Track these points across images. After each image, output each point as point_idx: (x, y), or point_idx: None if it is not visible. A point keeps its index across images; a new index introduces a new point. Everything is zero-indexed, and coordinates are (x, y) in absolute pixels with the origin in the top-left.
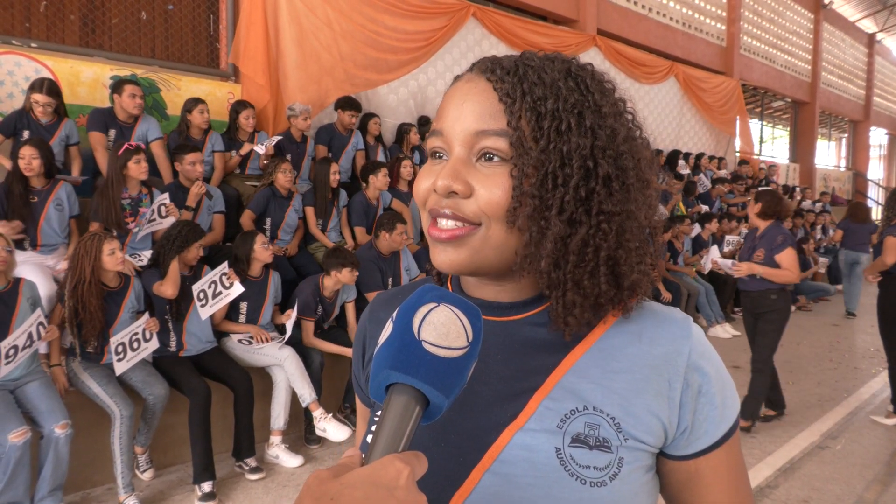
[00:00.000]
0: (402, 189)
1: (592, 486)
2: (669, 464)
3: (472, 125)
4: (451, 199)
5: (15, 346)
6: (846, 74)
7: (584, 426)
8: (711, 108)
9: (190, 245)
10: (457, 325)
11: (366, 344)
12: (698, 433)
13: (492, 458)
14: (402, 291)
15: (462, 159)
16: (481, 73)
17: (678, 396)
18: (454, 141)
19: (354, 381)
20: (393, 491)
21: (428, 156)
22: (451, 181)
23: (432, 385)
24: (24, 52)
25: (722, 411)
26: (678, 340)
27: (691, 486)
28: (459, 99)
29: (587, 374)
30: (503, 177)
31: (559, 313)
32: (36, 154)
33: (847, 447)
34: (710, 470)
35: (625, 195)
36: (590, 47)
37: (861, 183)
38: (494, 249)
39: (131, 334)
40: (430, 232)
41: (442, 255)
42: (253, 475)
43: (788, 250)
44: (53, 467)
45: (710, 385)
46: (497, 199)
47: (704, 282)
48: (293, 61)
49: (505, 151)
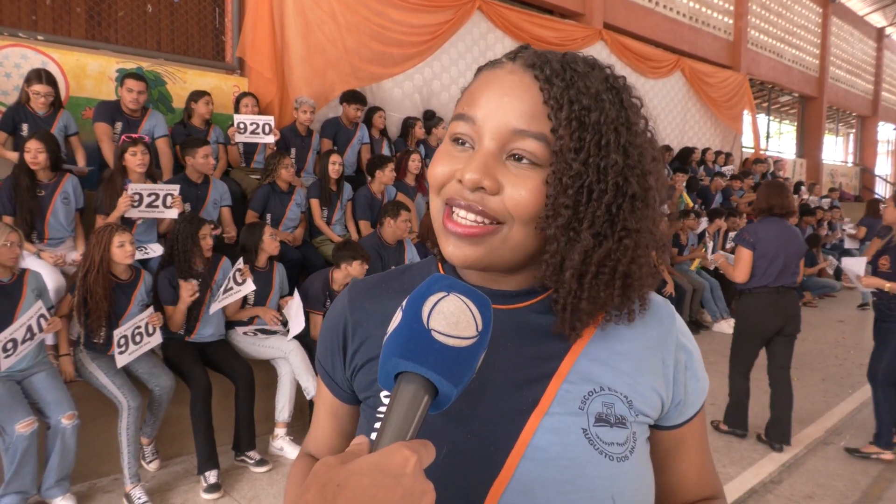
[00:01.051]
0: (408, 183)
1: (618, 461)
2: (659, 434)
3: (511, 122)
4: (477, 193)
5: (13, 340)
6: (854, 69)
7: (602, 406)
8: (718, 103)
9: (198, 237)
10: (466, 314)
11: (347, 335)
12: (686, 404)
13: (524, 445)
14: (385, 280)
15: (493, 154)
16: (527, 67)
17: (671, 373)
18: (487, 133)
19: (324, 374)
20: (400, 478)
21: (448, 139)
22: (481, 176)
23: (442, 374)
24: (30, 44)
25: (702, 384)
26: (666, 322)
27: (676, 452)
28: (500, 90)
29: (596, 357)
30: (534, 180)
31: (567, 318)
32: (42, 148)
33: (851, 443)
34: (691, 435)
35: (644, 212)
36: (596, 41)
37: (868, 179)
38: (510, 250)
39: (134, 327)
40: (446, 224)
41: (456, 249)
42: (259, 468)
43: None
44: (60, 458)
45: (693, 360)
46: (525, 202)
47: (709, 277)
48: (298, 55)
49: (538, 156)
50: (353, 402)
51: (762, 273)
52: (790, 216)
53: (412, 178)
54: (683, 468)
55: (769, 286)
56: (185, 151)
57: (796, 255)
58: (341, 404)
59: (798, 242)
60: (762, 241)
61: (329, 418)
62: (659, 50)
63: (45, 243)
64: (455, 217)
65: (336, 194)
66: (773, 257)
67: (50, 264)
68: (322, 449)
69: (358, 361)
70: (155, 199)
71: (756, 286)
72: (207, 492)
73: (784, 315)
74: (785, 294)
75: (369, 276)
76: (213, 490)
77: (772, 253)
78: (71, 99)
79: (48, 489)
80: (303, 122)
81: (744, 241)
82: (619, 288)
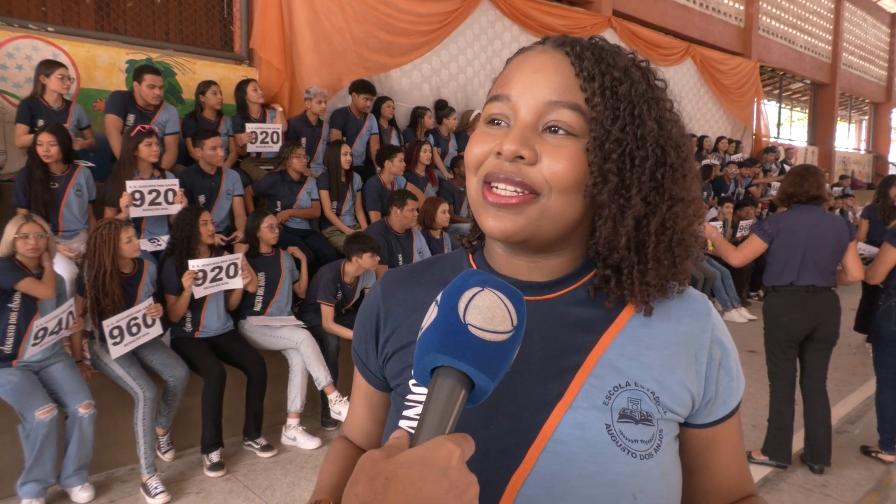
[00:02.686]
0: (418, 173)
1: (642, 458)
2: (690, 432)
3: (546, 95)
4: (516, 164)
5: (45, 328)
6: (867, 55)
7: (628, 401)
8: (728, 91)
9: (198, 223)
10: (501, 309)
11: (380, 324)
12: (718, 403)
13: (546, 438)
14: (418, 269)
15: (530, 126)
16: (558, 46)
17: (704, 369)
18: (523, 108)
19: (359, 362)
20: (446, 471)
21: (482, 123)
22: (519, 146)
23: (479, 368)
24: (41, 36)
25: (737, 382)
26: (702, 317)
27: (708, 452)
28: (532, 67)
29: (624, 351)
30: (572, 149)
31: (637, 291)
32: (54, 140)
33: (865, 432)
34: (725, 436)
35: (684, 183)
36: (605, 29)
37: (882, 166)
38: (550, 220)
39: (129, 318)
40: (486, 196)
41: (496, 221)
42: (264, 452)
43: None
44: (78, 447)
45: (729, 358)
46: (563, 171)
47: (720, 266)
48: (307, 44)
49: (574, 126)
50: (386, 389)
51: (783, 268)
52: (819, 202)
53: (422, 168)
54: (718, 470)
55: (795, 284)
56: (194, 143)
57: (828, 250)
58: (375, 391)
59: (831, 235)
60: (784, 233)
61: (364, 405)
62: (669, 37)
63: (60, 236)
64: (496, 189)
65: (345, 185)
66: (796, 250)
67: (65, 257)
68: (357, 434)
69: (389, 349)
70: (157, 196)
71: (781, 284)
72: (211, 470)
73: (814, 317)
74: (816, 294)
75: (402, 266)
76: (217, 468)
77: (796, 245)
78: (82, 91)
79: (67, 478)
80: (315, 113)
81: (761, 231)
82: (679, 256)
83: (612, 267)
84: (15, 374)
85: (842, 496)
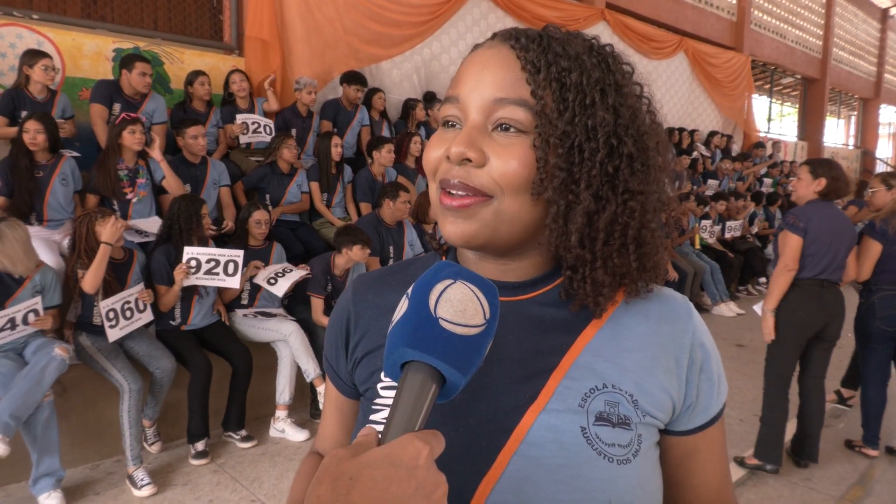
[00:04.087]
0: (409, 165)
1: (619, 463)
2: (670, 440)
3: (491, 93)
4: (464, 167)
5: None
6: (858, 50)
7: (605, 404)
8: (721, 85)
9: (200, 216)
10: (474, 301)
11: (350, 328)
12: (699, 409)
13: (518, 441)
14: (390, 272)
15: (478, 127)
16: (504, 40)
17: (685, 373)
18: (470, 108)
19: (329, 370)
20: (413, 471)
21: (440, 125)
22: (466, 148)
23: (450, 363)
24: (25, 23)
25: (718, 388)
26: (683, 319)
27: (688, 462)
28: (479, 65)
29: (601, 353)
30: (521, 147)
31: (588, 292)
32: (41, 128)
33: (849, 426)
34: (706, 445)
35: (646, 175)
36: (598, 21)
37: (869, 162)
38: (506, 223)
39: (123, 301)
40: (442, 201)
41: (451, 226)
42: (244, 443)
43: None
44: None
45: (710, 362)
46: (513, 171)
47: (710, 260)
48: (297, 35)
49: (523, 122)
50: (356, 396)
51: (813, 263)
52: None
53: (413, 160)
54: (697, 482)
55: (814, 278)
56: (176, 132)
57: (846, 247)
58: (346, 399)
59: (850, 232)
60: (814, 227)
61: (335, 415)
62: (662, 30)
63: (45, 225)
64: (449, 194)
65: (336, 177)
66: (823, 245)
67: (51, 250)
68: (329, 447)
69: (359, 353)
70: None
71: (804, 277)
72: (195, 458)
73: (826, 314)
74: (829, 289)
75: (374, 270)
76: (201, 457)
77: (823, 240)
78: (67, 79)
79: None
80: (305, 104)
81: (793, 227)
82: (633, 254)
83: (572, 268)
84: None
85: (826, 489)
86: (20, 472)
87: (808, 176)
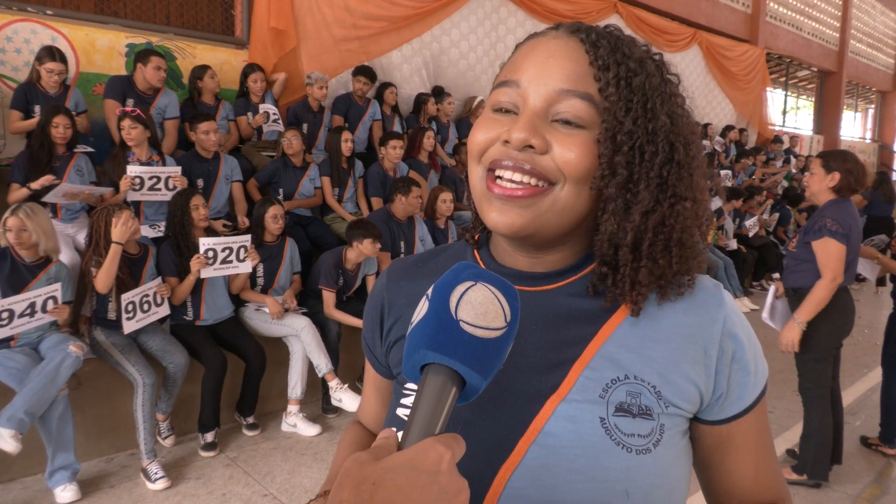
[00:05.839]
0: (421, 160)
1: (638, 453)
2: (702, 428)
3: (558, 83)
4: (526, 153)
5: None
6: (875, 42)
7: (626, 395)
8: (735, 78)
9: (188, 208)
10: (494, 304)
11: (384, 313)
12: (732, 399)
13: (536, 430)
14: (423, 259)
15: (539, 114)
16: (571, 32)
17: (714, 363)
18: (532, 95)
19: (367, 350)
20: (435, 476)
21: (488, 108)
22: (529, 134)
23: (470, 366)
24: (39, 19)
25: (754, 377)
26: (712, 308)
27: (722, 450)
28: (544, 53)
29: (625, 344)
30: (583, 139)
31: (626, 291)
32: (69, 123)
33: (866, 423)
34: (741, 434)
35: (690, 182)
36: (611, 14)
37: (887, 155)
38: (559, 213)
39: (142, 294)
40: (491, 188)
41: (500, 215)
42: (249, 431)
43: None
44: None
45: (744, 352)
46: (577, 161)
47: (724, 255)
48: (306, 29)
49: (584, 117)
50: (390, 377)
51: (850, 271)
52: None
53: (425, 155)
54: (732, 468)
55: (845, 285)
56: (190, 127)
57: (859, 245)
58: (382, 379)
59: (861, 232)
60: (853, 230)
61: (374, 392)
62: (675, 23)
63: (59, 219)
64: (500, 181)
65: (347, 171)
66: (856, 247)
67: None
68: (369, 419)
69: (392, 338)
70: (157, 182)
71: (841, 285)
72: (204, 449)
73: (853, 316)
74: (850, 292)
75: (409, 256)
76: (210, 448)
77: (856, 242)
78: (81, 75)
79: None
80: (316, 98)
81: (836, 234)
82: (675, 257)
83: (610, 265)
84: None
85: (843, 487)
86: (36, 465)
87: (821, 171)
